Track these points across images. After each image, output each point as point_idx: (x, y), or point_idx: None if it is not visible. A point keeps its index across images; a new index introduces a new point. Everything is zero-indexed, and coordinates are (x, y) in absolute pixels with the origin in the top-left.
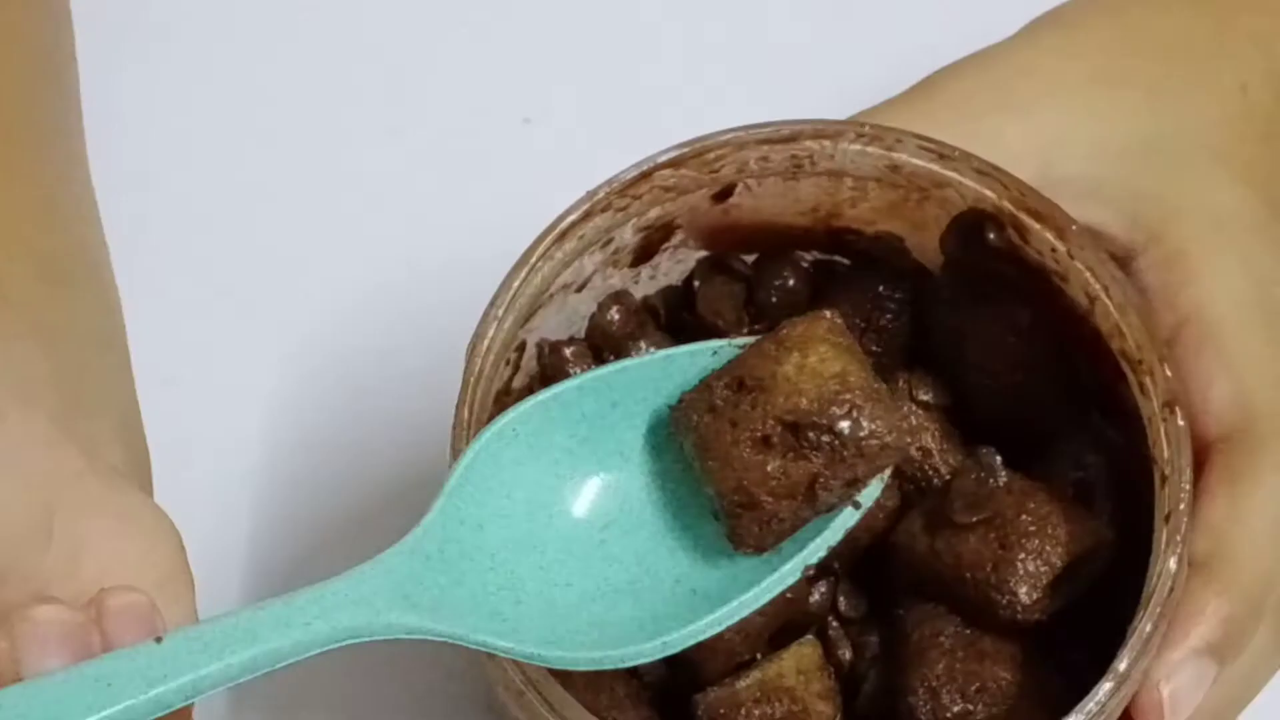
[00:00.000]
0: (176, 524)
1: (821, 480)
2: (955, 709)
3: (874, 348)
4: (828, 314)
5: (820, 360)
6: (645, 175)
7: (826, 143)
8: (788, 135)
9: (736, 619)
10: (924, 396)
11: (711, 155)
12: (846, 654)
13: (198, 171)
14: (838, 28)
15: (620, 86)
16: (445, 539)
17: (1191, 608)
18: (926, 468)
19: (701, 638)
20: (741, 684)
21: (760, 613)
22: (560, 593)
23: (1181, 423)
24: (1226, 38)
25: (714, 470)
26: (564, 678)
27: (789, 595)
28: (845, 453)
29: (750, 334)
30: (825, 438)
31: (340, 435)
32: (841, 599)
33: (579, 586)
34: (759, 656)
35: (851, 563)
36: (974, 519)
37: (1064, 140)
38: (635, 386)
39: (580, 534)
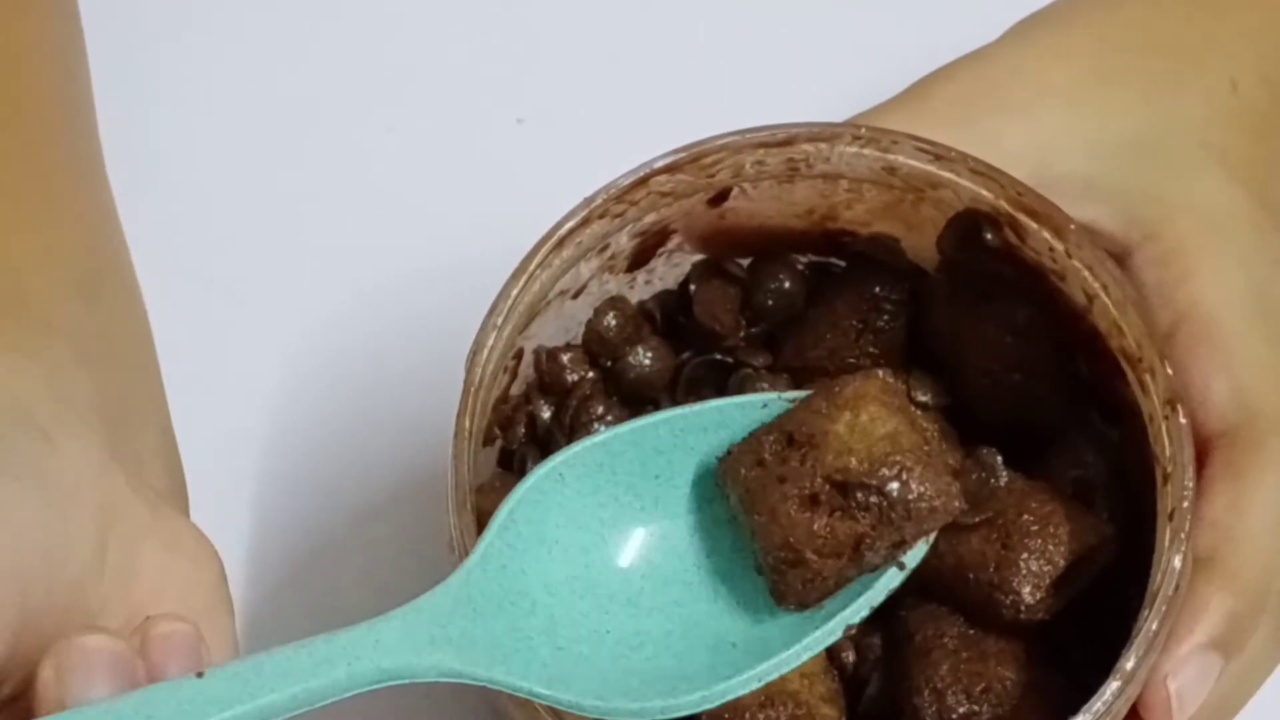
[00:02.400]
0: None
1: (868, 541)
2: (960, 710)
3: (871, 349)
4: (880, 374)
5: (871, 420)
6: (642, 181)
7: (823, 145)
8: (784, 139)
9: (776, 676)
10: (922, 397)
11: (708, 160)
12: (850, 656)
13: (188, 171)
14: (832, 31)
15: (614, 86)
16: (488, 582)
17: (1195, 604)
18: None
19: (740, 694)
20: None
21: None
22: (599, 641)
23: (1183, 420)
24: (1218, 34)
25: (760, 525)
26: None
27: None
28: (893, 514)
29: (791, 382)
30: (874, 499)
31: (335, 435)
32: None
33: (616, 635)
34: None
35: None
36: (976, 519)
37: (1059, 139)
38: (683, 436)
39: (620, 582)
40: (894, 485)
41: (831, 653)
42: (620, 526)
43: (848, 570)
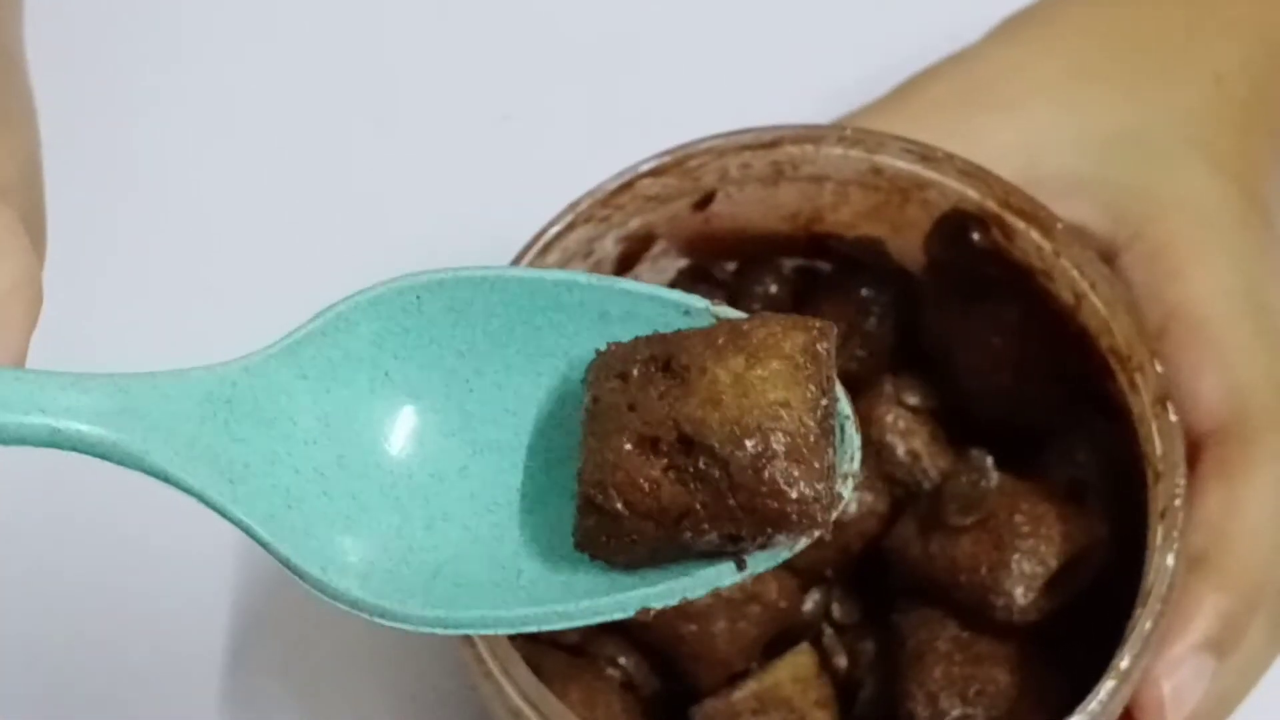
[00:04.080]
0: (170, 526)
1: (691, 520)
2: (955, 712)
3: (859, 352)
4: (818, 325)
5: (765, 378)
6: (627, 185)
7: (809, 147)
8: (769, 141)
9: (537, 629)
10: (911, 400)
11: (693, 163)
12: (842, 661)
13: (168, 171)
14: (818, 32)
15: (601, 82)
16: (264, 388)
17: (1189, 603)
18: (915, 471)
19: (488, 632)
20: (738, 695)
21: (753, 622)
22: (359, 514)
23: (1174, 418)
24: (1201, 28)
25: (588, 449)
26: (560, 690)
27: (782, 605)
28: (730, 500)
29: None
30: (716, 473)
31: None
32: (835, 606)
33: (385, 517)
34: (754, 667)
35: (844, 569)
36: (967, 521)
37: (1045, 137)
38: (575, 312)
39: (418, 461)
40: (745, 467)
41: (824, 658)
42: (443, 395)
43: (663, 543)
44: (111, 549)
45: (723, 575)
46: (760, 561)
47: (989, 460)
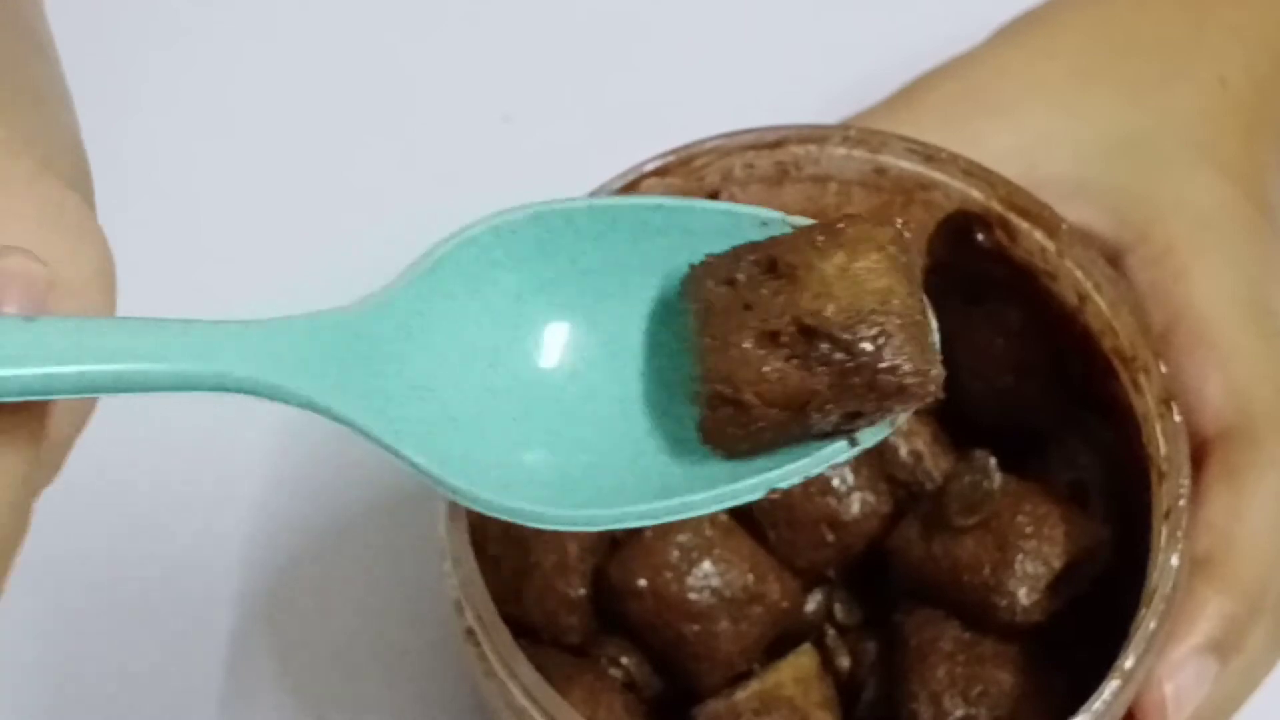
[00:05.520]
0: (170, 525)
1: (818, 400)
2: (958, 713)
3: None
4: (899, 223)
5: (868, 269)
6: (632, 185)
7: (812, 147)
8: (774, 141)
9: (677, 518)
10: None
11: (698, 162)
12: (845, 662)
13: (169, 174)
14: (822, 33)
15: (603, 83)
16: (389, 329)
17: (1193, 606)
18: (918, 472)
19: (635, 524)
20: (740, 695)
21: (755, 623)
22: (501, 428)
23: (1178, 418)
24: (1204, 31)
25: (707, 348)
26: (562, 690)
27: (784, 605)
28: (856, 379)
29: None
30: (840, 355)
31: (326, 439)
32: (838, 606)
33: (521, 429)
34: (756, 668)
35: (847, 570)
36: (970, 522)
37: (1048, 140)
38: (663, 233)
39: (538, 379)
40: (866, 346)
41: (826, 659)
42: (557, 314)
43: (790, 427)
44: (111, 549)
45: (838, 453)
46: (869, 436)
47: (992, 461)
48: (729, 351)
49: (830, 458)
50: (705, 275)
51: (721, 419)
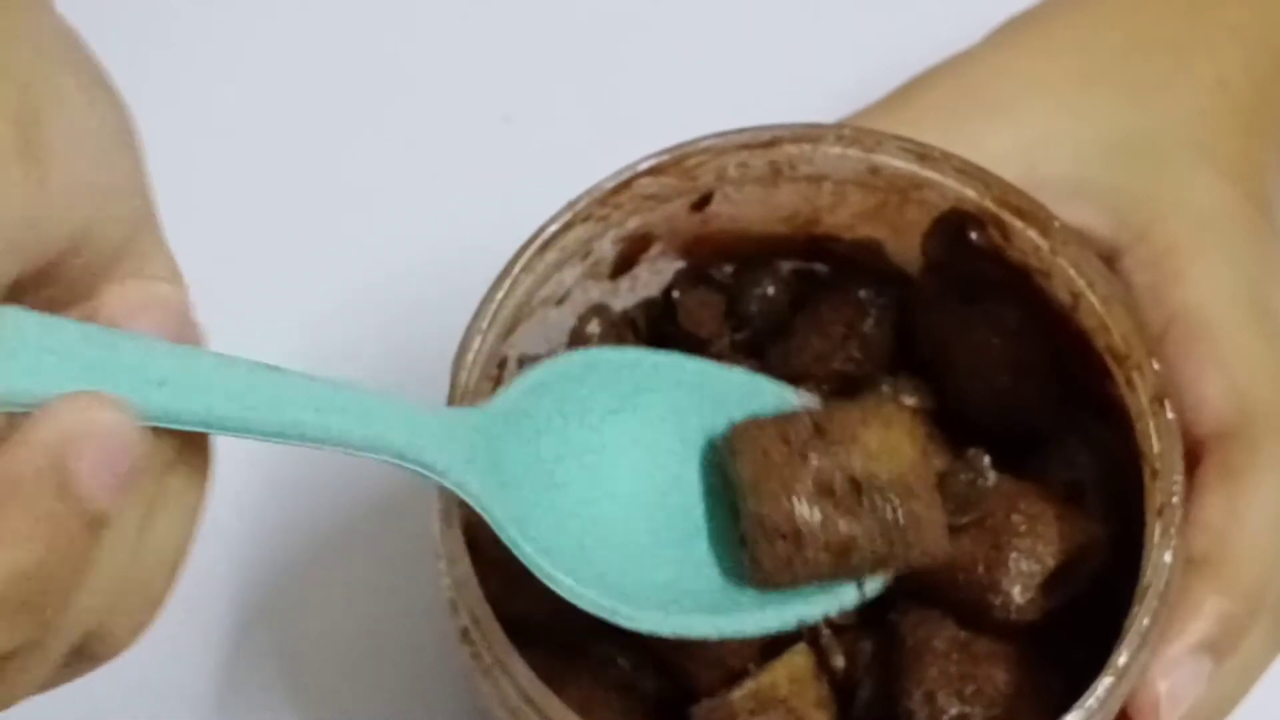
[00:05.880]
0: None
1: (860, 546)
2: (952, 711)
3: (857, 354)
4: (911, 409)
5: (899, 443)
6: (625, 184)
7: (806, 147)
8: (768, 140)
9: (739, 635)
10: (909, 400)
11: (691, 162)
12: (840, 661)
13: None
14: (818, 33)
15: (601, 82)
16: (507, 434)
17: (1189, 605)
18: None
19: (698, 635)
20: (736, 695)
21: None
22: (586, 531)
23: (1171, 416)
24: (1203, 31)
25: (767, 493)
26: (559, 690)
27: None
28: (893, 534)
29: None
30: (887, 511)
31: None
32: None
33: (604, 533)
34: (751, 667)
35: None
36: (965, 520)
37: (1046, 141)
38: (719, 393)
39: (638, 492)
40: (906, 507)
41: (821, 658)
42: (655, 446)
43: (828, 568)
44: None
45: (845, 596)
46: (872, 588)
47: (986, 460)
48: (790, 496)
49: (842, 598)
50: (757, 432)
51: (778, 551)
